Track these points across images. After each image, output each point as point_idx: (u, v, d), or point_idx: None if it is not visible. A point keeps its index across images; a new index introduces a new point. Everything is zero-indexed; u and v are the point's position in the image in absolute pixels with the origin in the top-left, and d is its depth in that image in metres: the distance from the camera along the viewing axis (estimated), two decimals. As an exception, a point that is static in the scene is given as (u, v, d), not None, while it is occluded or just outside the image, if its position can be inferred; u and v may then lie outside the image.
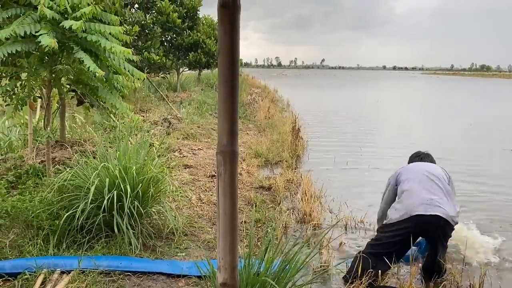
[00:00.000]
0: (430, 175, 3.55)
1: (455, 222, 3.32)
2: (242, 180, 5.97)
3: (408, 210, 3.28)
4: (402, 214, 3.29)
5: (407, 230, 3.24)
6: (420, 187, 3.43)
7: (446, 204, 3.30)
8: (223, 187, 1.53)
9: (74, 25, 3.83)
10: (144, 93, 13.08)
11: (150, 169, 3.92)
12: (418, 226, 3.24)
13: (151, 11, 12.51)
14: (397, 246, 3.28)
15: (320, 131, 11.64)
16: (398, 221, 3.30)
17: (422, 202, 3.28)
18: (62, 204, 3.65)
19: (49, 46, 3.64)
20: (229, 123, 1.52)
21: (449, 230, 3.32)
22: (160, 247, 3.61)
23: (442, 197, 3.35)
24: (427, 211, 3.22)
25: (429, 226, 3.24)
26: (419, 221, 3.22)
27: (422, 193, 3.36)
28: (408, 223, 3.24)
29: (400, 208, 3.36)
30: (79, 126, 7.54)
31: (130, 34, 6.66)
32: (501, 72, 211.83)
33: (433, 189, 3.41)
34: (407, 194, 3.44)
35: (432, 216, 3.21)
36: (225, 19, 1.45)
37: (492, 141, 10.83)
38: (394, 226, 3.31)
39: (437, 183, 3.47)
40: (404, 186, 3.54)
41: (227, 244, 1.54)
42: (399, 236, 3.27)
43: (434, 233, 3.29)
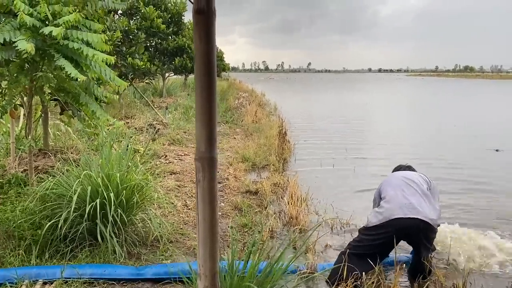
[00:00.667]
0: (407, 181, 3.60)
1: (436, 224, 3.35)
2: (229, 185, 5.95)
3: (387, 214, 3.32)
4: (381, 219, 3.34)
5: (387, 234, 3.28)
6: (398, 192, 3.48)
7: (425, 207, 3.34)
8: (202, 194, 1.53)
9: (54, 31, 3.79)
10: (129, 99, 13.00)
11: (134, 176, 3.88)
12: (398, 230, 3.27)
13: (135, 17, 12.46)
14: (378, 248, 3.32)
15: (307, 134, 11.68)
16: (377, 225, 3.34)
17: (401, 206, 3.32)
18: (44, 213, 3.59)
19: (28, 52, 3.59)
20: (207, 130, 1.52)
21: (431, 233, 3.35)
22: (145, 255, 3.57)
23: (420, 200, 3.38)
24: (406, 215, 3.26)
25: (409, 230, 3.28)
26: (399, 224, 3.26)
27: (400, 198, 3.41)
28: (388, 228, 3.28)
29: (379, 212, 3.40)
30: (63, 134, 7.45)
31: (112, 40, 6.62)
32: (484, 73, 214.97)
33: (411, 193, 3.45)
34: (387, 199, 3.49)
35: (411, 219, 3.24)
36: (200, 25, 1.45)
37: (476, 142, 10.98)
38: (373, 231, 3.35)
39: (414, 187, 3.51)
40: (384, 193, 3.61)
41: (207, 251, 1.54)
42: (380, 239, 3.31)
43: (415, 236, 3.32)
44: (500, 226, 4.91)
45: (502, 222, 5.06)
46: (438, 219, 3.37)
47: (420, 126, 14.87)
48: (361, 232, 3.52)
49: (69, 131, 7.38)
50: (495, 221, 5.08)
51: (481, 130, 13.16)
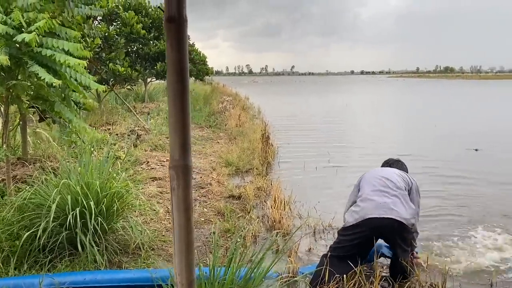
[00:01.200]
0: (384, 180, 3.62)
1: (411, 223, 3.38)
2: (212, 190, 5.94)
3: (362, 213, 3.36)
4: (357, 218, 3.38)
5: (363, 233, 3.32)
6: (374, 192, 3.51)
7: (400, 207, 3.37)
8: (177, 202, 1.52)
9: (26, 37, 3.73)
10: (111, 105, 12.87)
11: (114, 184, 3.84)
12: (372, 229, 3.31)
13: (115, 22, 12.35)
14: (356, 248, 3.35)
15: (290, 137, 11.73)
16: (353, 224, 3.37)
17: (375, 206, 3.36)
18: (22, 223, 3.53)
19: (2, 63, 3.53)
20: (181, 137, 1.51)
21: (406, 233, 3.38)
22: (126, 263, 3.54)
23: (395, 200, 3.41)
24: (380, 214, 3.30)
25: (383, 229, 3.33)
26: (373, 224, 3.30)
27: (375, 197, 3.44)
28: (363, 227, 3.32)
29: (355, 211, 3.44)
30: (43, 142, 7.34)
31: (91, 47, 6.55)
32: (464, 73, 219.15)
33: (387, 193, 3.48)
34: (363, 198, 3.52)
35: (385, 219, 3.28)
36: (172, 33, 1.44)
37: (457, 142, 11.16)
38: (350, 230, 3.39)
39: (391, 187, 3.54)
40: (361, 191, 3.65)
41: (183, 260, 1.52)
42: (357, 239, 3.34)
43: (390, 235, 3.37)
44: (480, 223, 5.00)
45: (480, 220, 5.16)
46: (412, 219, 3.40)
47: (401, 127, 15.08)
48: (339, 233, 3.56)
49: (50, 139, 7.28)
50: (473, 219, 5.17)
51: (461, 130, 13.40)
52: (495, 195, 6.25)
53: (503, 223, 5.03)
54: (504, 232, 4.75)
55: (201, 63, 32.66)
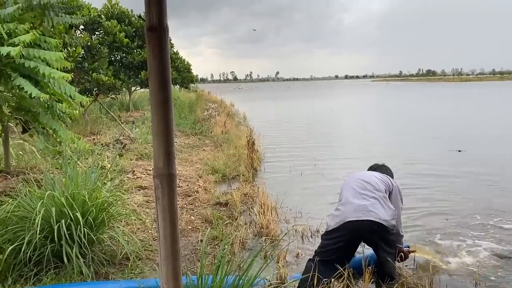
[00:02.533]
0: (363, 183, 3.66)
1: (391, 225, 3.40)
2: (199, 197, 5.91)
3: (342, 217, 3.40)
4: (337, 221, 3.40)
5: (344, 237, 3.35)
6: (353, 194, 3.55)
7: (379, 208, 3.40)
8: (162, 212, 1.52)
9: (12, 51, 3.69)
10: (95, 114, 12.76)
11: (101, 194, 3.81)
12: (352, 232, 3.35)
13: (98, 31, 12.29)
14: (340, 252, 3.36)
15: (276, 143, 11.77)
16: (334, 228, 3.40)
17: (354, 209, 3.39)
18: (6, 237, 3.46)
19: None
20: (164, 146, 1.51)
21: (386, 234, 3.40)
22: (113, 274, 3.50)
23: (374, 202, 3.44)
24: (359, 217, 3.33)
25: (363, 232, 3.36)
26: (352, 227, 3.33)
27: (354, 200, 3.48)
28: (343, 231, 3.35)
29: (336, 215, 3.48)
30: (26, 153, 7.23)
31: (73, 57, 6.50)
32: (445, 76, 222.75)
33: (366, 195, 3.51)
34: (343, 201, 3.56)
35: (364, 221, 3.31)
36: (153, 42, 1.45)
37: (440, 143, 11.32)
38: (333, 234, 3.42)
39: (370, 189, 3.57)
40: (341, 195, 3.70)
41: (169, 269, 1.52)
42: (339, 242, 3.36)
43: (370, 237, 3.40)
44: (466, 223, 5.08)
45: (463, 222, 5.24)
46: (392, 220, 3.42)
47: (385, 130, 15.24)
48: (322, 237, 3.58)
49: (34, 150, 7.17)
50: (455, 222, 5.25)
51: (444, 132, 13.59)
52: (480, 195, 6.35)
53: (488, 223, 5.11)
54: (490, 232, 4.83)
55: (185, 71, 32.62)
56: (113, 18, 13.46)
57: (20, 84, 3.80)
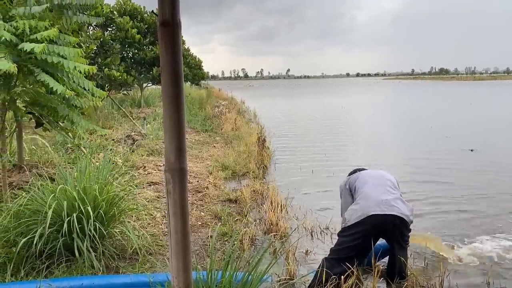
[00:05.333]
0: (383, 179, 3.67)
1: (410, 221, 3.41)
2: (209, 193, 5.94)
3: (365, 211, 3.36)
4: (359, 215, 3.36)
5: (364, 232, 3.31)
6: (375, 189, 3.54)
7: (400, 204, 3.40)
8: (173, 206, 1.53)
9: (36, 48, 3.73)
10: (107, 110, 12.86)
11: (112, 189, 3.84)
12: (375, 226, 3.31)
13: (110, 27, 12.37)
14: (357, 249, 3.34)
15: (286, 140, 11.75)
16: (356, 222, 3.36)
17: (378, 203, 3.36)
18: (19, 230, 3.52)
19: (8, 70, 3.52)
20: (176, 140, 1.52)
21: (406, 230, 3.40)
22: (123, 268, 3.53)
23: (395, 197, 3.45)
24: (383, 211, 3.31)
25: (386, 226, 3.33)
26: (375, 221, 3.30)
27: (377, 194, 3.46)
28: (366, 225, 3.31)
29: (356, 209, 3.43)
30: (39, 148, 7.32)
31: (86, 53, 6.56)
32: (459, 75, 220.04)
33: (387, 190, 3.51)
34: (363, 196, 3.53)
35: (388, 215, 3.29)
36: (166, 37, 1.46)
37: (452, 142, 11.20)
38: (352, 229, 3.37)
39: (389, 185, 3.59)
40: (360, 189, 3.65)
41: (180, 263, 1.53)
42: (358, 239, 3.32)
43: (391, 232, 3.37)
44: (479, 223, 5.02)
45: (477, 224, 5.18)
46: (411, 216, 3.42)
47: (397, 128, 15.12)
48: (339, 235, 3.54)
49: (46, 144, 7.26)
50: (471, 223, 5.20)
51: (456, 131, 13.45)
52: (493, 194, 6.28)
53: (501, 222, 5.06)
54: (503, 230, 4.78)
55: (196, 67, 32.73)
56: (125, 14, 13.52)
57: (45, 80, 3.84)
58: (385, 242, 3.56)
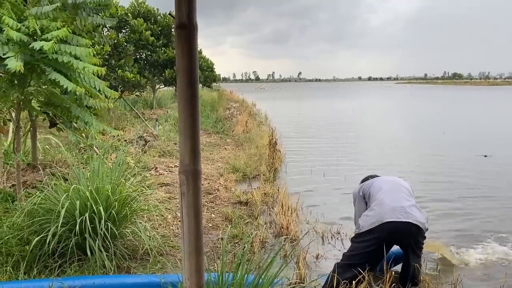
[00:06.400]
0: (398, 185, 3.62)
1: (426, 228, 3.36)
2: (220, 195, 5.95)
3: (379, 217, 3.31)
4: (373, 222, 3.32)
5: (378, 239, 3.26)
6: (390, 196, 3.49)
7: (416, 211, 3.35)
8: (187, 207, 1.53)
9: (45, 45, 3.77)
10: (120, 111, 12.97)
11: (124, 189, 3.87)
12: (389, 233, 3.27)
13: (124, 29, 12.49)
14: (370, 256, 3.31)
15: (298, 143, 11.73)
16: (370, 229, 3.31)
17: (393, 210, 3.32)
18: (32, 228, 3.56)
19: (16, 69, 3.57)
20: (190, 142, 1.53)
21: (421, 237, 3.36)
22: (134, 268, 3.55)
23: (411, 204, 3.40)
24: (398, 218, 3.26)
25: (401, 233, 3.28)
26: (390, 228, 3.25)
27: (392, 201, 3.41)
28: (380, 232, 3.26)
29: (371, 216, 3.39)
30: (52, 148, 7.41)
31: (101, 54, 6.64)
32: (472, 80, 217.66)
33: (402, 197, 3.46)
34: (378, 202, 3.47)
35: (403, 222, 3.25)
36: (182, 39, 1.46)
37: (466, 148, 11.07)
38: (366, 235, 3.33)
39: (405, 192, 3.54)
40: (374, 196, 3.59)
41: (192, 265, 1.53)
42: (372, 246, 3.28)
43: (406, 240, 3.33)
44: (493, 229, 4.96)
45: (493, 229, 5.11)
46: (426, 223, 3.38)
47: (409, 133, 15.00)
48: (353, 240, 3.51)
49: (59, 144, 7.34)
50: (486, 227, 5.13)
51: (470, 136, 13.30)
52: (508, 200, 6.20)
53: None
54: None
55: (208, 69, 32.85)
56: (139, 16, 13.64)
57: (56, 78, 3.89)
58: (399, 249, 3.52)
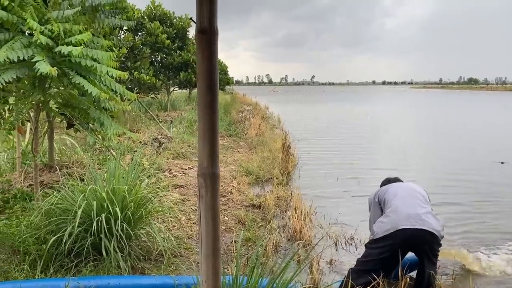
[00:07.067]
0: (414, 192, 3.58)
1: (441, 236, 3.32)
2: (233, 198, 5.96)
3: (394, 224, 3.28)
4: (388, 228, 3.29)
5: (392, 246, 3.23)
6: (406, 202, 3.45)
7: (431, 218, 3.32)
8: (205, 210, 1.54)
9: (74, 50, 3.83)
10: (135, 113, 13.10)
11: (140, 191, 3.91)
12: (404, 240, 3.24)
13: (140, 32, 12.63)
14: (384, 262, 3.28)
15: (311, 147, 11.69)
16: (384, 235, 3.28)
17: (408, 216, 3.28)
18: (49, 228, 3.61)
19: (50, 73, 3.62)
20: (209, 145, 1.54)
21: (436, 245, 3.32)
22: (148, 269, 3.57)
23: (427, 212, 3.36)
24: (414, 225, 3.22)
25: (416, 240, 3.25)
26: (405, 235, 3.22)
27: (407, 208, 3.37)
28: (395, 239, 3.23)
29: (386, 222, 3.35)
30: (68, 148, 7.52)
31: (118, 57, 6.72)
32: (488, 85, 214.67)
33: (417, 204, 3.42)
34: (393, 209, 3.44)
35: (418, 230, 3.21)
36: (203, 44, 1.48)
37: (481, 154, 10.92)
38: (380, 242, 3.30)
39: (420, 199, 3.50)
40: (390, 202, 3.56)
41: (209, 267, 1.54)
42: (386, 252, 3.25)
43: (421, 247, 3.29)
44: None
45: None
46: (442, 231, 3.34)
47: (425, 138, 14.85)
48: (367, 246, 3.48)
49: (75, 145, 7.45)
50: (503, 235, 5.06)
51: (486, 143, 13.11)
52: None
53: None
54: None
55: (222, 72, 32.99)
56: (155, 19, 13.77)
57: (80, 82, 3.95)
58: (414, 255, 3.48)
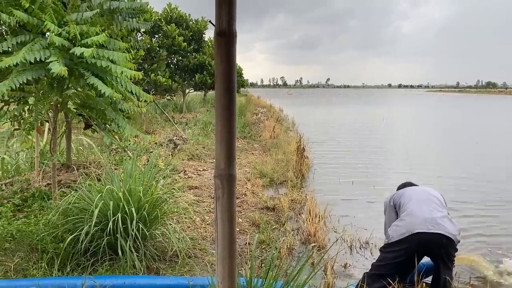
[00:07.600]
0: (429, 196, 3.54)
1: (457, 240, 3.27)
2: (247, 200, 5.97)
3: (410, 228, 3.25)
4: (403, 232, 3.26)
5: (407, 250, 3.20)
6: (421, 206, 3.41)
7: (447, 222, 3.27)
8: (221, 211, 1.55)
9: (85, 52, 3.90)
10: (151, 114, 13.22)
11: (155, 191, 3.94)
12: (420, 244, 3.20)
13: (157, 34, 12.76)
14: (400, 266, 3.25)
15: (326, 150, 11.64)
16: (400, 239, 3.25)
17: (424, 220, 3.25)
18: (66, 227, 3.67)
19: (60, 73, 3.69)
20: (226, 147, 1.55)
21: (452, 249, 3.27)
22: (163, 270, 3.60)
23: (443, 216, 3.32)
24: (429, 229, 3.19)
25: (431, 245, 3.21)
26: (421, 239, 3.19)
27: (423, 212, 3.34)
28: (410, 243, 3.20)
29: (401, 226, 3.32)
30: (85, 149, 7.62)
31: (135, 59, 6.80)
32: (507, 89, 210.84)
33: (433, 208, 3.38)
34: (408, 212, 3.40)
35: (434, 234, 3.17)
36: (222, 46, 1.49)
37: (499, 161, 10.74)
38: (395, 246, 3.27)
39: (436, 202, 3.45)
40: (405, 206, 3.52)
41: (225, 268, 1.55)
42: (401, 256, 3.23)
43: (436, 251, 3.25)
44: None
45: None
46: (458, 235, 3.29)
47: (440, 143, 14.66)
48: (382, 250, 3.45)
49: (92, 145, 7.55)
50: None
51: (505, 148, 12.88)
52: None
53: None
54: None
55: (237, 75, 33.08)
56: (171, 22, 13.90)
57: (94, 83, 4.01)
58: (430, 261, 3.44)
